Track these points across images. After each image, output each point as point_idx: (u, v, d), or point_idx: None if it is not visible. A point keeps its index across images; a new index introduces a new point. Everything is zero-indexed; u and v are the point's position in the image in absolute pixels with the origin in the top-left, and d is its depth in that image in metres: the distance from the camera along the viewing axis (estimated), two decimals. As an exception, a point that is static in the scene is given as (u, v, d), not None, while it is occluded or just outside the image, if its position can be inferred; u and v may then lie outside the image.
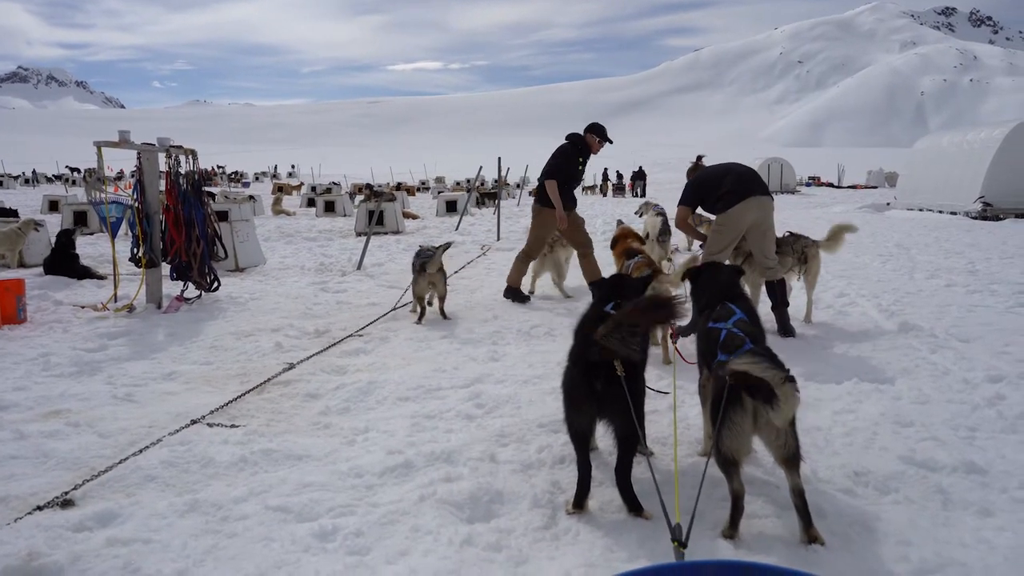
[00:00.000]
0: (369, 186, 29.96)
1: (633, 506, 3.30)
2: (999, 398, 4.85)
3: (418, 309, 7.65)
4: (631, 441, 3.28)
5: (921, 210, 23.93)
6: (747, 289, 6.63)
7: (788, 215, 22.52)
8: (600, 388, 3.25)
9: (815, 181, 63.72)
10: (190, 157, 8.43)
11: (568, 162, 8.40)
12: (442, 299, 7.77)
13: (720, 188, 6.86)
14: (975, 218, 21.34)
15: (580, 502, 3.36)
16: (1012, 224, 19.17)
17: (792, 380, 2.84)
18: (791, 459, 3.04)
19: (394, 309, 8.17)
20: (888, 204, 27.37)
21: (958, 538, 3.08)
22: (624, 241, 7.30)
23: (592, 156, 8.56)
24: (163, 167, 8.37)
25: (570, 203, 8.52)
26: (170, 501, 3.40)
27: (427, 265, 7.39)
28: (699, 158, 8.01)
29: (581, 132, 8.61)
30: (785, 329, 6.82)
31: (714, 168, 7.22)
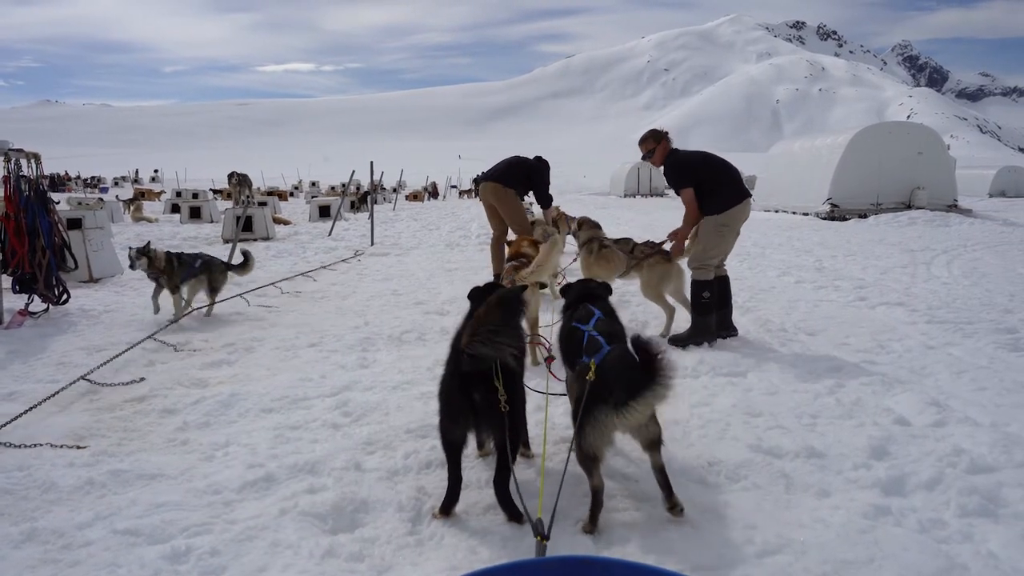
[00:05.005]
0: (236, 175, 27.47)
1: (512, 514, 3.26)
2: (838, 386, 5.22)
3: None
4: (511, 450, 3.24)
5: (777, 211, 25.42)
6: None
7: (657, 216, 23.39)
8: (478, 399, 3.23)
9: (682, 184, 66.35)
10: (33, 161, 7.88)
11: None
12: None
13: (718, 181, 6.61)
14: (824, 219, 22.87)
15: (448, 509, 3.35)
16: (855, 224, 20.68)
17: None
18: (654, 443, 3.27)
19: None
20: (747, 206, 28.86)
21: (798, 519, 3.29)
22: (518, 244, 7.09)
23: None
24: (2, 172, 7.78)
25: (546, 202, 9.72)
26: (4, 531, 3.16)
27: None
28: (666, 133, 7.05)
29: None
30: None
31: (710, 157, 6.87)
